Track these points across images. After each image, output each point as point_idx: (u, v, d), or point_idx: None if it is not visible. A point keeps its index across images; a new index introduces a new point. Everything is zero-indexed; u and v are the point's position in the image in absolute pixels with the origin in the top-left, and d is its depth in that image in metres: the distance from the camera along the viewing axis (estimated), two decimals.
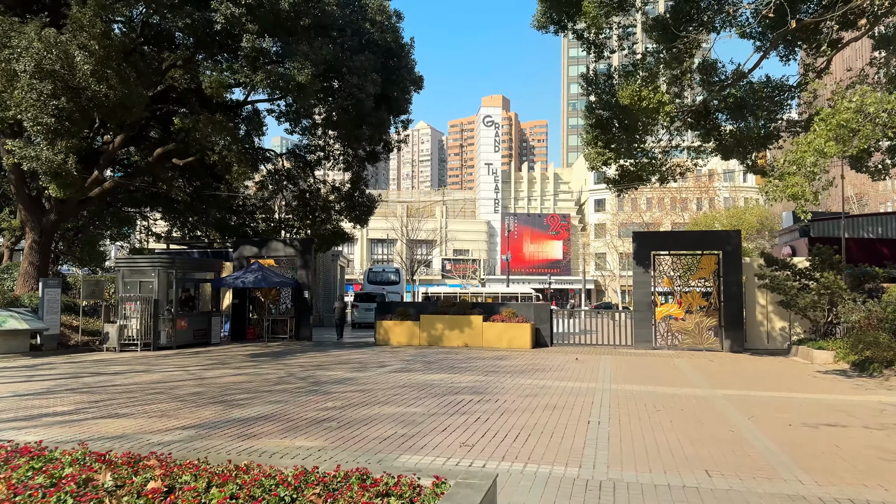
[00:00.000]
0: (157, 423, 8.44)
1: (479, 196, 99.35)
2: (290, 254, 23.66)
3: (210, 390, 11.37)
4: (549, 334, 21.13)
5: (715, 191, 60.86)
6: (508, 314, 20.72)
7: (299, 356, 17.65)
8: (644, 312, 20.42)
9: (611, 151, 17.57)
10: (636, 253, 20.67)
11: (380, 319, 21.97)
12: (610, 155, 17.65)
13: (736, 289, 19.84)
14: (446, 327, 21.01)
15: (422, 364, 15.62)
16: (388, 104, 23.03)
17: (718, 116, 19.20)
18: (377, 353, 18.64)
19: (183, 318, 20.73)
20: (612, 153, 17.74)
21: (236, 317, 24.04)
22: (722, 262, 20.00)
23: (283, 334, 23.37)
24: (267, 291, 23.71)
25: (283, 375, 13.37)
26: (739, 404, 10.28)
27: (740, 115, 18.61)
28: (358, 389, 11.39)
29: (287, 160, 24.96)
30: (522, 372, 14.14)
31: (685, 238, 20.49)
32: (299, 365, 15.33)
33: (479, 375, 13.46)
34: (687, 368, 15.40)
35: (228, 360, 16.53)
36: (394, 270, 42.78)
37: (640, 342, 20.40)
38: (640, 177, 18.55)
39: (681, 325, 20.28)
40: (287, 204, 26.30)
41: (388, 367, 15.02)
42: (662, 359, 17.56)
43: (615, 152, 17.81)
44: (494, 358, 17.22)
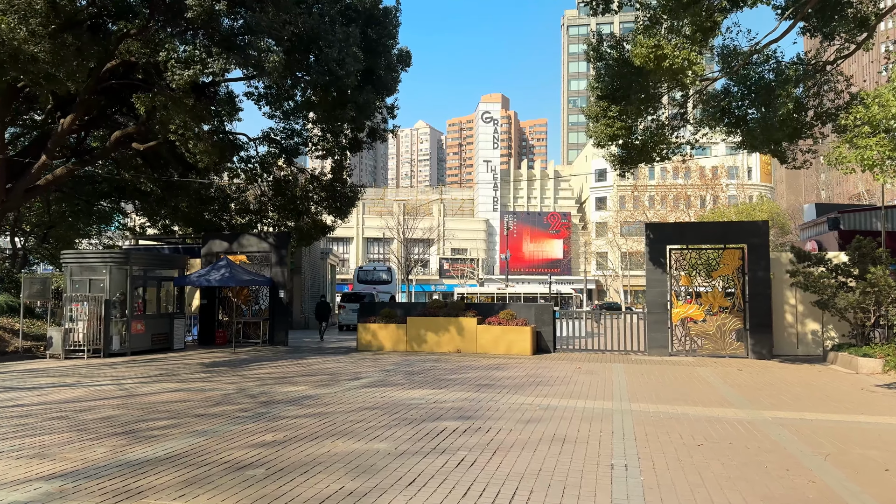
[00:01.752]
0: (19, 469, 6.12)
1: (477, 194, 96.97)
2: (264, 249, 21.34)
3: (127, 414, 9.03)
4: (552, 338, 18.80)
5: (722, 187, 58.54)
6: (506, 316, 18.38)
7: (265, 365, 15.31)
8: (659, 314, 18.09)
9: (620, 123, 15.22)
10: (649, 247, 18.35)
11: (363, 322, 19.65)
12: (619, 128, 15.31)
13: (763, 287, 17.51)
14: (436, 331, 18.69)
15: (403, 375, 13.28)
16: (373, 84, 20.68)
17: (741, 104, 16.83)
18: (355, 360, 16.31)
19: (139, 321, 18.39)
20: (623, 127, 15.40)
21: (205, 319, 21.72)
22: (747, 256, 17.68)
23: (257, 338, 21.04)
24: (239, 291, 21.38)
25: (230, 392, 11.03)
26: (800, 433, 7.96)
27: (766, 101, 16.22)
28: (314, 413, 9.04)
29: (262, 145, 22.61)
30: (521, 386, 11.80)
31: (705, 230, 18.20)
32: (258, 377, 12.99)
33: (469, 391, 11.13)
34: (715, 380, 13.07)
35: (179, 371, 14.18)
36: (385, 269, 40.42)
37: (655, 347, 18.08)
38: (649, 153, 16.19)
39: (701, 329, 17.96)
40: (263, 194, 23.97)
41: (363, 379, 12.68)
42: (683, 367, 15.24)
43: (625, 126, 15.47)
44: (490, 367, 14.89)
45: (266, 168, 22.71)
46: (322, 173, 22.46)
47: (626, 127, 15.82)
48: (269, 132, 22.18)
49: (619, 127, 15.71)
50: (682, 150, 17.00)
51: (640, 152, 16.08)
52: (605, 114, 15.79)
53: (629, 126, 15.96)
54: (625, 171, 17.29)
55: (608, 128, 15.75)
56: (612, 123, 15.32)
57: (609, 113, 15.71)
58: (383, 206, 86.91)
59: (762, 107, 16.22)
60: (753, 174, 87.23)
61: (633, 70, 14.69)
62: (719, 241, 18.06)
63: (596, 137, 16.04)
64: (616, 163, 17.02)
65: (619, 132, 15.74)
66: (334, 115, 18.28)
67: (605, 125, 15.71)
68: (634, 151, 16.19)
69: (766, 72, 16.28)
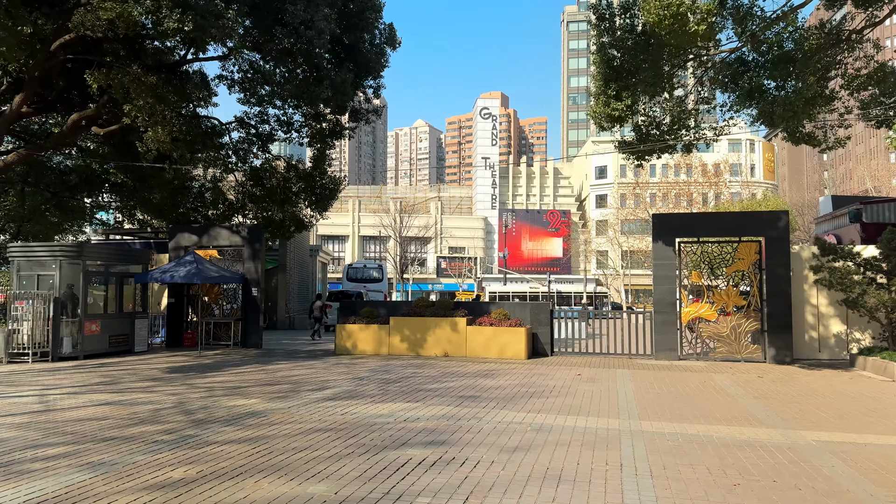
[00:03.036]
0: None
1: (475, 191, 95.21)
2: (236, 243, 19.61)
3: (22, 437, 7.32)
4: (550, 341, 17.09)
5: (725, 183, 56.74)
6: (499, 316, 16.67)
7: (224, 372, 13.60)
8: (667, 314, 16.39)
9: (625, 102, 13.50)
10: (657, 240, 16.64)
11: (342, 322, 17.93)
12: (624, 108, 13.59)
13: (783, 284, 15.81)
14: (422, 332, 16.98)
15: (378, 384, 11.57)
16: (355, 62, 18.96)
17: (760, 74, 15.10)
18: (328, 366, 14.60)
19: (94, 321, 16.69)
20: (627, 106, 13.67)
21: (173, 319, 20.00)
22: (765, 250, 15.98)
23: (228, 340, 19.32)
24: (209, 289, 19.67)
25: (165, 407, 9.32)
26: (857, 464, 6.27)
27: (785, 73, 14.50)
28: (252, 437, 7.34)
29: (235, 131, 20.89)
30: (512, 399, 10.09)
31: (719, 221, 16.50)
32: (209, 387, 11.28)
33: (449, 405, 9.42)
34: (734, 389, 11.37)
35: (123, 379, 12.47)
36: (376, 266, 38.64)
37: (663, 350, 16.37)
38: (664, 138, 14.47)
39: (713, 330, 16.24)
40: (240, 185, 22.24)
41: (329, 389, 10.96)
42: (695, 374, 13.53)
43: (631, 105, 13.75)
44: (478, 374, 13.18)
45: (241, 156, 20.98)
46: (300, 161, 20.68)
47: (631, 106, 14.09)
48: (242, 117, 20.44)
49: (624, 107, 13.98)
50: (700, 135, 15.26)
51: (653, 138, 14.33)
52: (606, 93, 14.06)
53: (637, 104, 14.23)
54: (637, 159, 15.54)
55: (608, 107, 14.03)
56: (615, 105, 13.60)
57: (610, 93, 13.98)
58: (380, 204, 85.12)
59: (785, 78, 14.52)
60: (756, 171, 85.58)
61: (643, 40, 12.99)
62: (734, 233, 16.36)
63: (597, 119, 14.32)
64: (624, 149, 15.28)
65: (623, 112, 14.00)
66: (308, 93, 16.51)
67: (605, 105, 13.98)
68: (651, 137, 14.43)
69: (786, 41, 14.57)
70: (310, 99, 16.43)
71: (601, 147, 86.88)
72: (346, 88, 17.20)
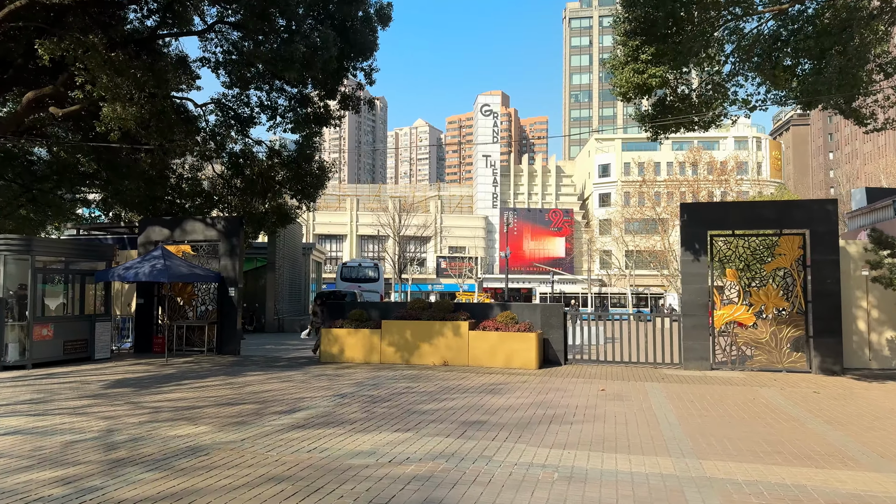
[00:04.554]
0: None
1: (476, 190, 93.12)
2: (211, 237, 17.59)
3: None
4: (563, 347, 15.07)
5: (736, 181, 54.62)
6: (505, 320, 14.64)
7: (184, 386, 11.57)
8: (697, 317, 14.36)
9: (659, 68, 11.49)
10: (685, 233, 14.62)
11: (329, 326, 15.90)
12: (656, 74, 11.57)
13: (831, 283, 13.79)
14: (418, 338, 14.96)
15: (362, 404, 9.54)
16: (347, 39, 16.98)
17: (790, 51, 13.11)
18: (308, 378, 12.56)
19: (45, 325, 14.66)
20: (661, 71, 11.66)
21: (141, 322, 17.97)
22: (809, 245, 13.97)
23: (202, 346, 17.30)
24: (182, 289, 17.64)
25: (89, 437, 7.29)
26: None
27: (819, 52, 12.49)
28: (179, 491, 5.32)
29: (211, 115, 18.86)
30: (528, 425, 8.05)
31: (756, 211, 14.49)
32: (156, 407, 9.25)
33: (449, 436, 7.40)
34: (796, 411, 9.35)
35: (59, 395, 10.43)
36: (371, 265, 36.57)
37: (692, 359, 14.35)
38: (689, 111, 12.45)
39: (751, 336, 14.22)
40: (220, 175, 20.23)
41: (301, 412, 8.93)
42: (738, 389, 11.51)
43: (663, 70, 11.73)
44: (484, 388, 11.15)
45: (219, 143, 18.94)
46: (283, 146, 18.64)
47: (662, 76, 12.05)
48: (220, 98, 18.41)
49: (653, 74, 11.95)
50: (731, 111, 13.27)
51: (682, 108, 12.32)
52: (637, 56, 12.02)
53: (665, 75, 12.19)
54: (659, 136, 13.54)
55: (638, 74, 11.99)
56: (646, 71, 11.58)
57: (641, 56, 11.95)
58: (379, 203, 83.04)
59: (814, 59, 12.52)
60: (763, 169, 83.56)
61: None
62: (774, 224, 14.33)
63: (623, 87, 12.29)
64: (646, 123, 13.27)
65: (652, 80, 11.98)
66: (282, 56, 14.40)
67: (633, 71, 11.95)
68: (675, 110, 12.42)
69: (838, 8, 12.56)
70: (285, 63, 14.34)
71: (605, 145, 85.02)
72: (335, 68, 15.16)
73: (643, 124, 13.63)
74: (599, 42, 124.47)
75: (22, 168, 23.42)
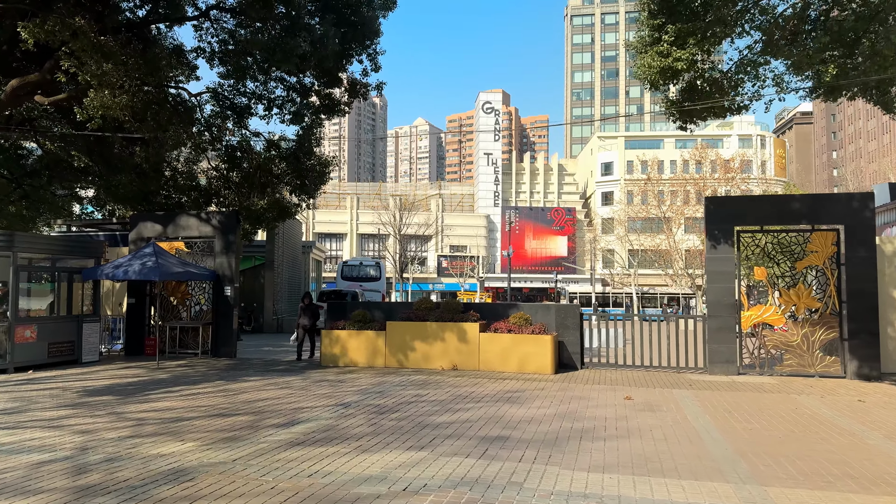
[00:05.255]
0: None
1: (477, 188, 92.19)
2: (206, 234, 16.68)
3: None
4: (580, 350, 14.17)
5: (744, 178, 53.64)
6: (518, 321, 13.74)
7: (173, 393, 10.67)
8: (724, 318, 13.46)
9: (691, 51, 10.60)
10: (710, 229, 13.72)
11: (329, 328, 15.00)
12: (683, 57, 10.69)
13: (867, 282, 12.89)
14: (425, 340, 14.05)
15: (367, 416, 8.64)
16: (348, 23, 16.08)
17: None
18: (308, 384, 11.66)
19: (28, 326, 13.76)
20: (687, 53, 10.77)
21: (133, 323, 17.06)
22: (843, 241, 13.08)
23: (196, 348, 16.40)
24: (175, 288, 16.74)
25: (59, 458, 6.40)
26: None
27: (851, 38, 11.58)
28: None
29: (207, 105, 17.92)
30: (556, 442, 7.16)
31: (786, 205, 13.57)
32: (139, 419, 8.35)
33: (469, 456, 6.50)
34: (848, 423, 8.45)
35: (37, 404, 9.52)
36: (373, 264, 35.63)
37: (718, 363, 13.46)
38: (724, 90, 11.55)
39: (781, 339, 13.32)
40: (216, 169, 19.33)
41: (300, 424, 8.03)
42: (775, 397, 10.62)
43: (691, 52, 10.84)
44: (500, 396, 10.26)
45: (215, 134, 18.03)
46: (283, 137, 17.72)
47: (689, 58, 11.16)
48: (216, 87, 17.50)
49: (680, 57, 11.05)
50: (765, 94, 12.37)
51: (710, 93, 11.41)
52: (659, 38, 11.13)
53: (693, 57, 11.29)
54: (688, 124, 12.64)
55: (663, 58, 11.10)
56: (679, 51, 10.68)
57: (664, 37, 11.06)
58: (379, 202, 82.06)
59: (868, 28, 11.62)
60: (768, 167, 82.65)
61: None
62: (806, 219, 13.44)
63: (646, 73, 11.40)
64: (674, 111, 12.36)
65: (679, 64, 11.08)
66: (282, 47, 13.50)
67: (658, 54, 11.05)
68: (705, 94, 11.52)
69: None
70: (283, 55, 13.44)
71: (608, 143, 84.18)
72: (326, 44, 14.24)
73: (670, 112, 12.70)
74: (601, 39, 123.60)
75: (11, 162, 22.53)
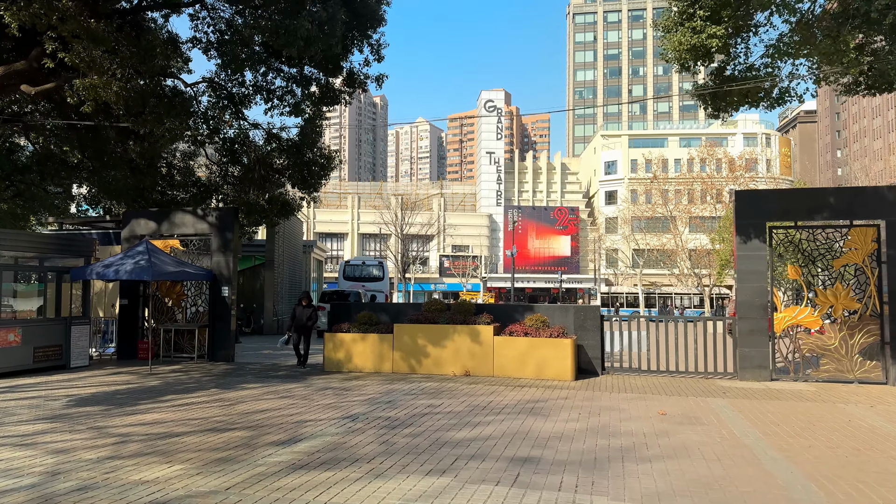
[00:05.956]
0: None
1: (479, 187, 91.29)
2: (202, 231, 15.81)
3: None
4: (600, 355, 13.28)
5: (753, 177, 52.76)
6: (535, 323, 12.84)
7: (164, 403, 9.79)
8: (755, 320, 12.58)
9: (720, 27, 9.74)
10: (741, 224, 12.83)
11: (334, 330, 14.11)
12: (717, 33, 9.82)
13: None
14: (435, 344, 13.17)
15: (378, 432, 7.76)
16: (350, 6, 15.20)
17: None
18: (311, 392, 10.77)
19: (11, 329, 12.87)
20: (721, 30, 9.90)
21: (125, 325, 16.17)
22: (885, 238, 12.20)
23: (192, 351, 15.53)
24: (170, 288, 15.86)
25: (23, 486, 5.52)
26: None
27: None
28: None
29: (203, 95, 17.01)
30: (597, 465, 6.27)
31: (822, 200, 12.69)
32: (123, 435, 7.47)
33: (498, 483, 5.61)
34: None
35: (13, 416, 8.64)
36: (376, 263, 34.74)
37: (749, 368, 12.57)
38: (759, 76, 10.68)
39: (817, 342, 12.44)
40: (214, 163, 18.46)
41: (302, 442, 7.15)
42: (820, 406, 9.73)
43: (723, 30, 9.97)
44: (520, 407, 9.37)
45: (213, 126, 17.14)
46: (283, 127, 16.82)
47: (722, 35, 10.28)
48: (212, 77, 16.61)
49: (713, 34, 10.17)
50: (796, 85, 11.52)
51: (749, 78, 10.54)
52: (692, 14, 10.25)
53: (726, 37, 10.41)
54: (721, 113, 11.77)
55: (695, 34, 10.22)
56: (713, 26, 9.81)
57: (698, 12, 10.18)
58: (381, 201, 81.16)
59: None
60: (773, 166, 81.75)
61: None
62: (843, 214, 12.56)
63: (678, 54, 10.53)
64: (707, 96, 11.47)
65: (711, 42, 10.20)
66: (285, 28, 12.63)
67: (695, 30, 10.17)
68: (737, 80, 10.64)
69: None
70: (287, 37, 12.57)
71: (611, 142, 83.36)
72: (334, 27, 13.37)
73: (701, 97, 11.80)
74: (604, 38, 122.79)
75: (2, 158, 21.64)
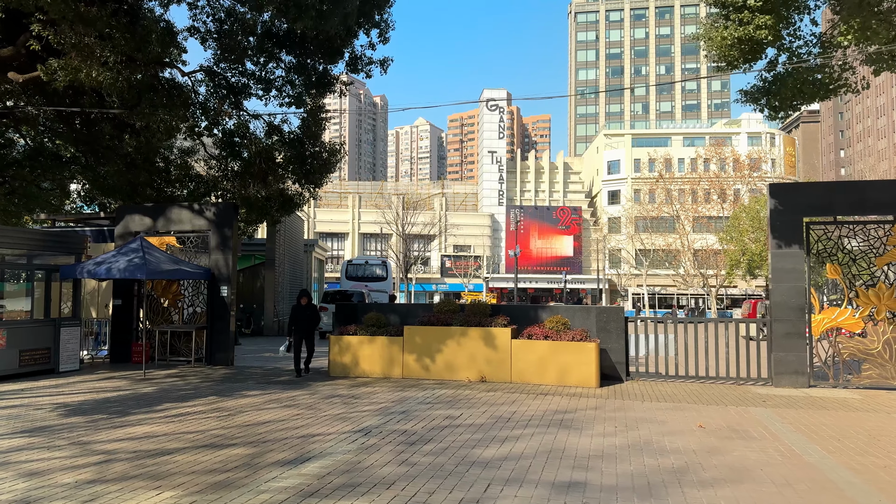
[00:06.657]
0: None
1: (481, 186, 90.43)
2: (200, 228, 14.97)
3: None
4: (624, 360, 12.45)
5: (762, 175, 51.87)
6: (556, 325, 12.00)
7: (157, 413, 8.95)
8: (792, 322, 11.75)
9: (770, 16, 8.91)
10: (775, 221, 12.01)
11: (340, 333, 13.26)
12: (767, 23, 8.98)
13: None
14: (448, 347, 12.33)
15: (395, 448, 6.92)
16: None
17: None
18: (318, 400, 9.93)
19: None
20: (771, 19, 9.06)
21: (118, 326, 15.33)
22: None
23: (189, 354, 14.68)
24: (166, 288, 15.03)
25: None
26: None
27: None
28: None
29: (201, 85, 16.16)
30: (652, 491, 5.42)
31: (863, 194, 11.85)
32: (108, 453, 6.64)
33: None
34: None
35: None
36: (379, 263, 33.88)
37: (785, 374, 11.74)
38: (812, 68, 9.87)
39: (858, 346, 11.61)
40: (213, 157, 17.61)
41: (311, 461, 6.31)
42: (874, 416, 8.90)
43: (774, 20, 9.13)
44: (548, 419, 8.53)
45: (211, 118, 16.30)
46: (285, 119, 15.97)
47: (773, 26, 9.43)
48: (210, 66, 15.76)
49: (762, 24, 9.32)
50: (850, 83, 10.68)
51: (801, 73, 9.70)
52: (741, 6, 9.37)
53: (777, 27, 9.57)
54: (777, 113, 10.92)
55: (743, 26, 9.38)
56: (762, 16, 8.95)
57: (750, 2, 9.30)
58: (382, 200, 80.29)
59: None
60: (777, 165, 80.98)
61: None
62: (886, 210, 11.74)
63: (721, 50, 9.67)
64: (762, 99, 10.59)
65: (760, 33, 9.35)
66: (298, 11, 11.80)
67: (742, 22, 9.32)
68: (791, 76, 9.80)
69: None
70: (298, 10, 11.71)
71: (614, 141, 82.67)
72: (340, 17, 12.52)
73: (751, 98, 10.88)
74: (606, 37, 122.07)
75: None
